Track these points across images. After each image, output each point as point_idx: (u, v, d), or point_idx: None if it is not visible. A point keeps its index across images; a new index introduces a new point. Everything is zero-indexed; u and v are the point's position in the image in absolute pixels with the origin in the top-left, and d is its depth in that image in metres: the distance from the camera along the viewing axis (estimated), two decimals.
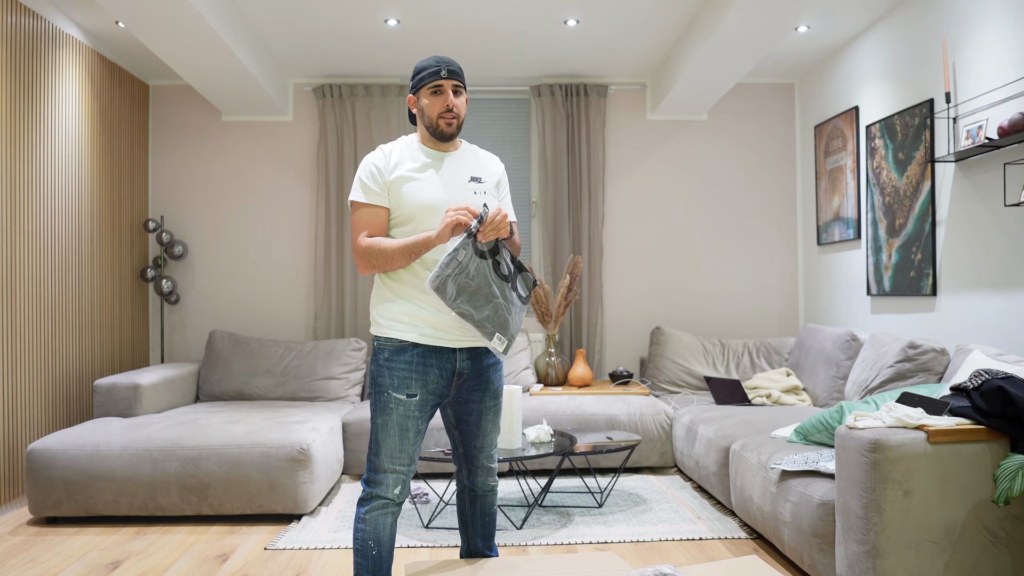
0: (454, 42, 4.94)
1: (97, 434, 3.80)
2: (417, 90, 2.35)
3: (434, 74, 2.31)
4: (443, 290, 2.17)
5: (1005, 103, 3.46)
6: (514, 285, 2.33)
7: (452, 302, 2.18)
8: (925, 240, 4.10)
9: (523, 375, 5.20)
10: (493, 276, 2.26)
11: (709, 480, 3.90)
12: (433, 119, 2.32)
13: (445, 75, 2.31)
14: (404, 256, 2.23)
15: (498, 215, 2.20)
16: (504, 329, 2.26)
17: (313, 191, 5.67)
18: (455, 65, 2.34)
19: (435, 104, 2.32)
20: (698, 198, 5.79)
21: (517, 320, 2.32)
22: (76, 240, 4.59)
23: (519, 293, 2.34)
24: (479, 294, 2.21)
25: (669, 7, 4.44)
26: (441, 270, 2.17)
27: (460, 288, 2.19)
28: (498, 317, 2.24)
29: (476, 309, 2.21)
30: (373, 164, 2.33)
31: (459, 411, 2.42)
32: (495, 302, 2.24)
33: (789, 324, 5.81)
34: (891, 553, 2.41)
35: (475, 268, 2.21)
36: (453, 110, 2.31)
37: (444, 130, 2.33)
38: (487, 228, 2.20)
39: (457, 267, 2.18)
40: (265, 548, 3.38)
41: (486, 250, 2.25)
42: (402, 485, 2.27)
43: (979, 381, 2.56)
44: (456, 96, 2.33)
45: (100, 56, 4.89)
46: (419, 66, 2.36)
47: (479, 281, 2.22)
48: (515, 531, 3.53)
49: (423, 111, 2.34)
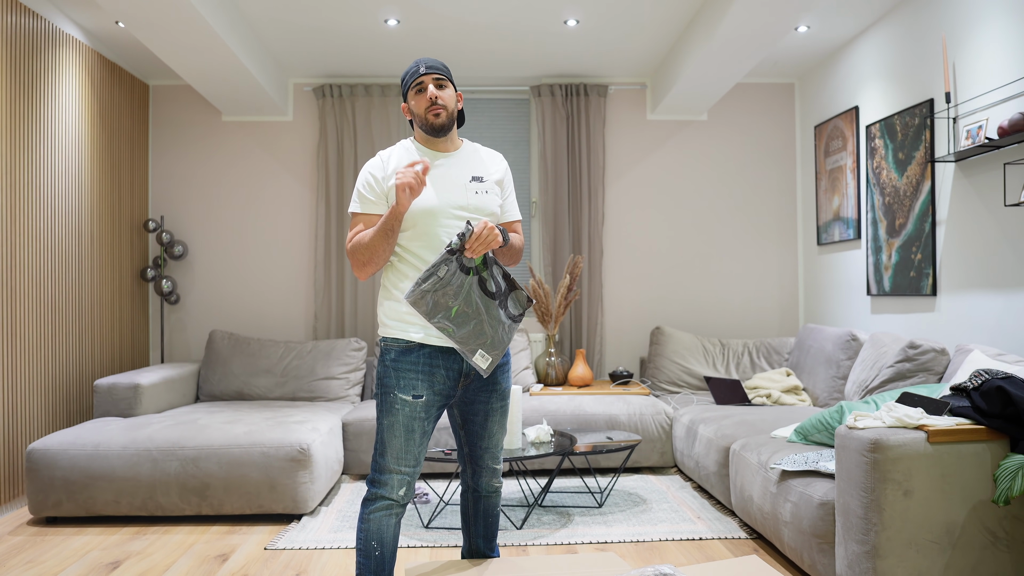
0: (454, 42, 4.94)
1: (97, 434, 3.80)
2: (406, 95, 2.39)
3: (414, 74, 2.35)
4: (420, 305, 2.15)
5: (1005, 103, 3.46)
6: (503, 303, 2.28)
7: (431, 318, 2.16)
8: (925, 240, 4.10)
9: (523, 375, 5.20)
10: (478, 293, 2.22)
11: (709, 480, 3.90)
12: (422, 115, 2.34)
13: (424, 71, 2.33)
14: (383, 238, 2.21)
15: (484, 229, 2.16)
16: (487, 346, 2.22)
17: (313, 191, 5.67)
18: (434, 61, 2.37)
19: (420, 101, 2.33)
20: (698, 198, 5.79)
21: (504, 337, 2.27)
22: (76, 240, 4.59)
23: (509, 312, 2.29)
24: (460, 311, 2.18)
25: (669, 7, 4.44)
26: (417, 285, 2.15)
27: (436, 304, 2.16)
28: (480, 335, 2.21)
29: (457, 326, 2.19)
30: (370, 174, 2.33)
31: (465, 412, 2.42)
32: (478, 319, 2.21)
33: (789, 324, 5.81)
34: (891, 553, 2.41)
35: (458, 284, 2.18)
36: (438, 101, 2.31)
37: (433, 122, 2.32)
38: (474, 243, 2.16)
39: (437, 282, 2.15)
40: (265, 548, 3.38)
41: (472, 266, 2.21)
42: (407, 486, 2.26)
43: (979, 381, 2.56)
44: (440, 88, 2.34)
45: (100, 56, 4.89)
46: (404, 73, 2.40)
47: (461, 298, 2.18)
48: (515, 531, 3.53)
49: (413, 112, 2.37)
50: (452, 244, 2.17)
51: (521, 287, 2.34)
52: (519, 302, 2.32)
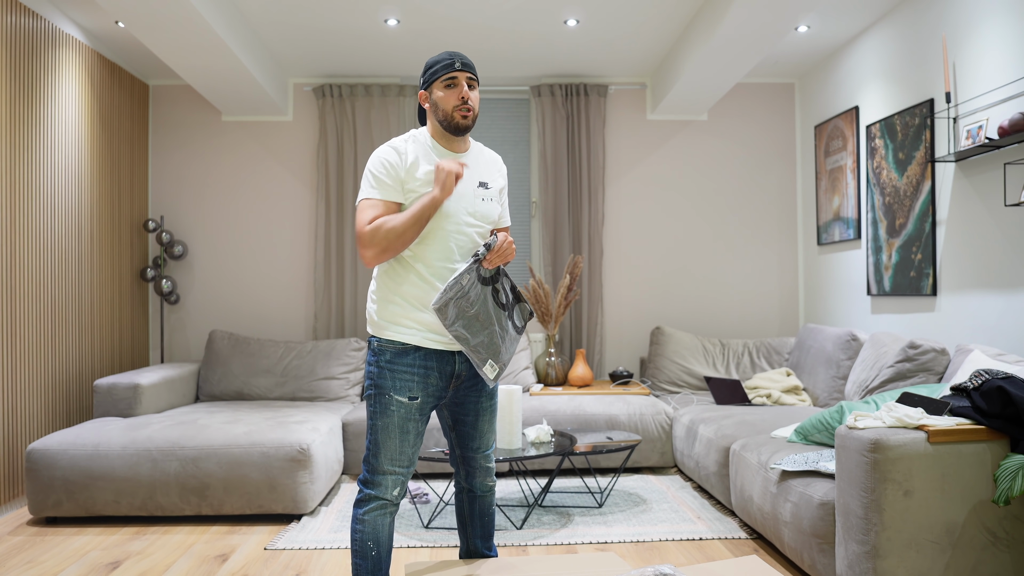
0: (454, 42, 4.94)
1: (97, 434, 3.80)
2: (429, 84, 2.30)
3: (448, 66, 2.27)
4: (444, 312, 2.20)
5: (1005, 103, 3.46)
6: (511, 314, 2.37)
7: (450, 325, 2.21)
8: (925, 240, 4.10)
9: (523, 375, 5.19)
10: (492, 304, 2.30)
11: (709, 480, 3.90)
12: (449, 111, 2.27)
13: (459, 67, 2.27)
14: (415, 225, 2.19)
15: (505, 242, 2.24)
16: (496, 356, 2.29)
17: (313, 191, 5.67)
18: (468, 59, 2.31)
19: (450, 97, 2.27)
20: (698, 198, 5.79)
21: (511, 349, 2.36)
22: (76, 240, 4.59)
23: (515, 323, 2.38)
24: (476, 320, 2.24)
25: (669, 7, 4.44)
26: (444, 293, 2.20)
27: (460, 312, 2.22)
28: (492, 345, 2.28)
29: (472, 334, 2.24)
30: (386, 159, 2.26)
31: (456, 412, 2.42)
32: (491, 329, 2.28)
33: (789, 324, 5.81)
34: (891, 553, 2.41)
35: (476, 294, 2.24)
36: (468, 102, 2.27)
37: (460, 123, 2.28)
38: (493, 255, 2.25)
39: (459, 291, 2.21)
40: (265, 548, 3.38)
41: (488, 276, 2.28)
42: (400, 486, 2.27)
43: (979, 381, 2.56)
44: (471, 89, 2.30)
45: (100, 56, 4.89)
46: (431, 61, 2.32)
47: (478, 307, 2.25)
48: (515, 531, 3.53)
49: (436, 104, 2.29)
50: (479, 253, 2.24)
51: (526, 300, 2.43)
52: (523, 314, 2.42)
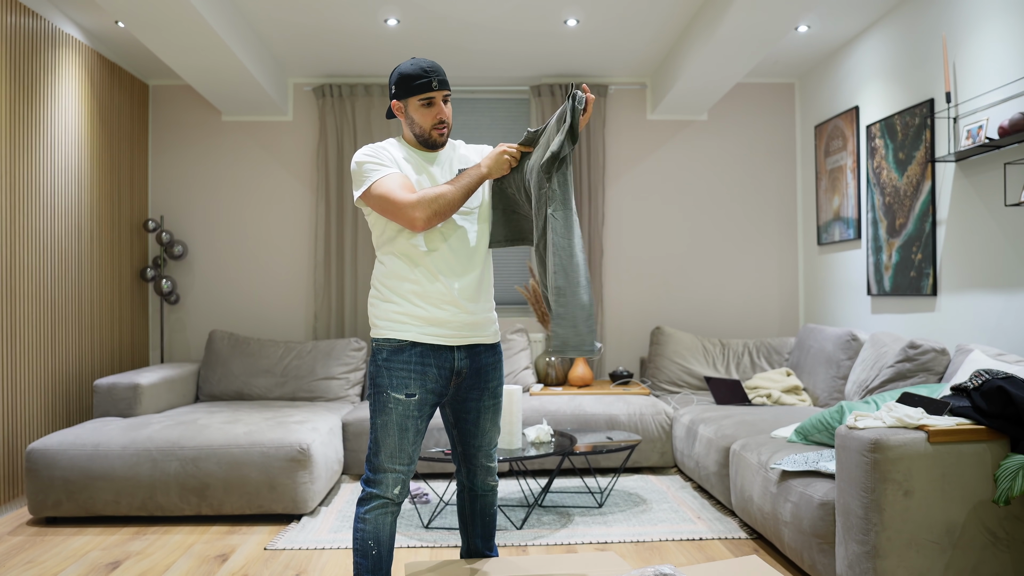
0: (454, 42, 4.94)
1: (97, 434, 3.80)
2: (404, 98, 2.32)
3: (423, 85, 2.28)
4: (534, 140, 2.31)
5: (1005, 103, 3.46)
6: None
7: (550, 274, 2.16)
8: (925, 240, 4.10)
9: (523, 375, 5.19)
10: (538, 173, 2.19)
11: (709, 480, 3.90)
12: (427, 130, 2.33)
13: (436, 87, 2.29)
14: (465, 196, 2.26)
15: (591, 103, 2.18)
16: None
17: (313, 191, 5.67)
18: (443, 73, 2.32)
19: (428, 116, 2.31)
20: (698, 198, 5.79)
21: None
22: (76, 240, 4.59)
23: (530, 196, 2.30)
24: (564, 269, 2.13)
25: (669, 7, 4.44)
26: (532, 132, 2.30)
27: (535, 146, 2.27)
28: None
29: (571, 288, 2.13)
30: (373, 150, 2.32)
31: (458, 410, 2.42)
32: None
33: (789, 324, 5.81)
34: (891, 553, 2.41)
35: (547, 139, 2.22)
36: (445, 121, 2.33)
37: (437, 140, 2.35)
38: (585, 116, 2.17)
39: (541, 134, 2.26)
40: (265, 548, 3.38)
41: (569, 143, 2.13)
42: (402, 485, 2.27)
43: (979, 381, 2.56)
44: (445, 105, 2.34)
45: (100, 56, 4.89)
46: (404, 72, 2.31)
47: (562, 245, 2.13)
48: (515, 531, 3.53)
49: (413, 121, 2.33)
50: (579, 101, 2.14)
51: None
52: None
